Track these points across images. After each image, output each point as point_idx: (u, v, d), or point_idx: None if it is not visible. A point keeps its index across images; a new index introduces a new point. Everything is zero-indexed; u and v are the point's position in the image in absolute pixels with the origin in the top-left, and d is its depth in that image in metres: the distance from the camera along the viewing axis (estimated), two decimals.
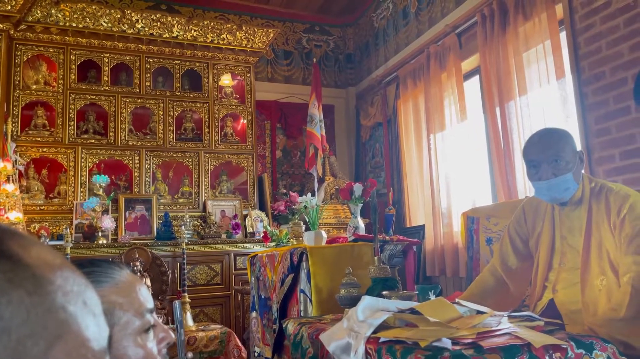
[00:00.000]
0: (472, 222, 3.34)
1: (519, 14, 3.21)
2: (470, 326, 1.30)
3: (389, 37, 4.92)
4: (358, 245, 2.47)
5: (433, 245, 4.01)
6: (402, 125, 4.67)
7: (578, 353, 1.18)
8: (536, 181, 1.77)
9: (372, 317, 1.47)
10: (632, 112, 2.58)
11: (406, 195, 4.61)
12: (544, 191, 1.77)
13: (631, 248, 1.62)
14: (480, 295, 2.01)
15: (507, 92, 3.30)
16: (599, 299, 1.67)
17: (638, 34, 2.55)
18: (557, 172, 1.72)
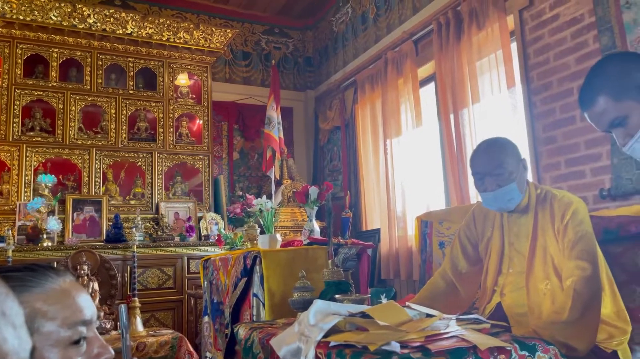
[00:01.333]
0: (426, 226, 3.40)
1: (473, 23, 3.29)
2: (419, 330, 1.31)
3: (348, 42, 4.96)
4: (313, 248, 2.46)
5: (388, 249, 4.05)
6: (359, 129, 4.70)
7: (522, 354, 1.20)
8: (482, 193, 1.82)
9: (323, 321, 1.46)
10: (577, 122, 2.69)
11: (363, 198, 4.64)
12: (490, 202, 1.83)
13: (574, 253, 1.67)
14: (431, 298, 2.04)
15: (461, 100, 3.38)
16: (543, 302, 1.72)
17: (584, 46, 2.66)
18: (501, 183, 1.77)
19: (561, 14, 2.78)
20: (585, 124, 2.64)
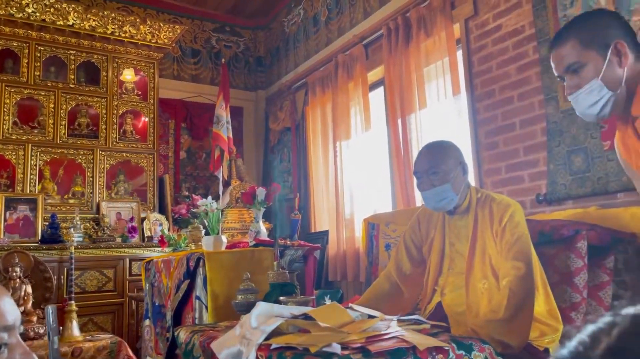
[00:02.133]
0: (373, 228, 3.44)
1: (421, 30, 3.37)
2: (361, 331, 1.31)
3: (299, 43, 4.95)
4: (259, 250, 2.44)
5: (336, 250, 4.07)
6: (310, 131, 4.71)
7: (459, 354, 1.23)
8: (421, 192, 1.88)
9: (266, 323, 1.44)
10: (517, 129, 2.80)
11: (312, 200, 4.64)
12: (427, 201, 1.90)
13: (510, 254, 1.73)
14: (376, 299, 2.06)
15: (409, 105, 3.44)
16: (481, 301, 1.77)
17: (524, 56, 2.77)
18: (436, 182, 1.83)
19: (504, 25, 2.88)
20: (525, 131, 2.75)
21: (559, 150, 2.55)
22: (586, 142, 2.43)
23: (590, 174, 2.40)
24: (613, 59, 1.26)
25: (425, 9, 3.33)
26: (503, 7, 2.88)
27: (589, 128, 2.42)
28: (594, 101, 1.27)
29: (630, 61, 1.27)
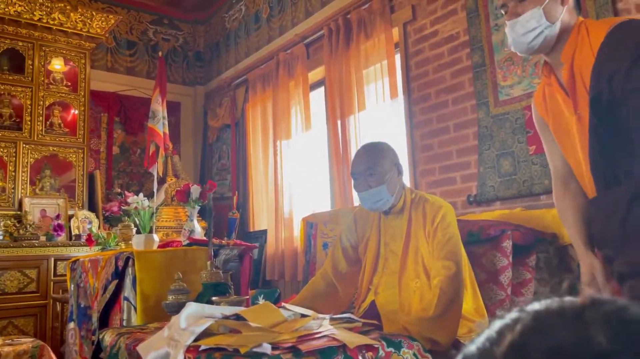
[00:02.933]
0: (311, 227, 3.45)
1: (362, 32, 3.41)
2: (292, 330, 1.30)
3: (240, 40, 4.88)
4: (192, 249, 2.37)
5: (274, 250, 4.05)
6: (250, 129, 4.65)
7: (388, 351, 1.25)
8: (358, 193, 1.90)
9: (196, 324, 1.40)
10: (451, 132, 2.89)
11: (251, 199, 4.59)
12: (363, 202, 1.92)
13: (442, 253, 1.79)
14: (312, 298, 2.06)
15: (348, 107, 3.47)
16: (413, 300, 1.82)
17: (459, 62, 2.86)
18: (372, 184, 1.86)
19: (440, 31, 2.97)
20: (458, 134, 2.85)
21: (489, 153, 2.65)
22: (513, 146, 2.55)
23: (516, 177, 2.52)
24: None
25: (365, 12, 3.38)
26: (440, 13, 2.97)
27: (516, 133, 2.54)
28: (532, 28, 1.30)
29: (570, 2, 1.33)
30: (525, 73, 2.53)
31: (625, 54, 1.15)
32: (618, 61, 1.16)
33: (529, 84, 2.50)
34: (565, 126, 1.34)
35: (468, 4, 2.79)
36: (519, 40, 1.34)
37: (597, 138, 1.21)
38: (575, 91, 1.26)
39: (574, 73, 1.26)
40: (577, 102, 1.26)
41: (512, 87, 2.58)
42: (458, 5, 2.86)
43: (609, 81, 1.16)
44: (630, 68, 1.14)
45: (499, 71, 2.64)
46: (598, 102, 1.18)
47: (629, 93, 1.13)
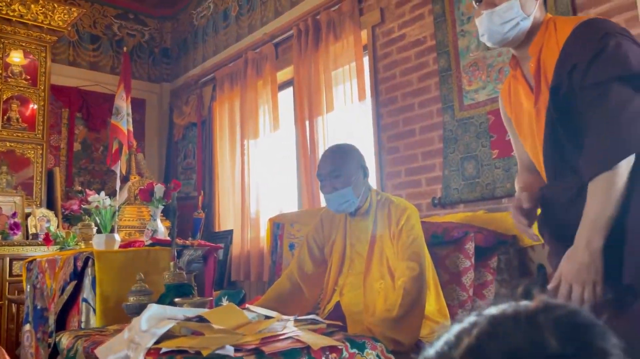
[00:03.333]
0: (278, 228, 3.43)
1: (331, 34, 3.41)
2: (256, 332, 1.29)
3: (208, 37, 4.82)
4: (155, 249, 2.32)
5: (240, 250, 4.01)
6: (217, 128, 4.60)
7: (352, 352, 1.25)
8: (324, 194, 1.91)
9: (157, 326, 1.37)
10: (417, 135, 2.93)
11: (217, 199, 4.54)
12: (329, 204, 1.93)
13: (406, 255, 1.81)
14: (277, 299, 2.06)
15: (317, 107, 3.47)
16: (377, 301, 1.83)
17: (425, 66, 2.90)
18: (338, 186, 1.87)
19: (407, 35, 3.00)
20: (423, 138, 2.89)
21: (454, 156, 2.70)
22: (477, 150, 2.60)
23: (480, 180, 2.58)
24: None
25: (335, 13, 3.39)
26: (408, 17, 3.00)
27: (480, 137, 2.59)
28: (509, 18, 1.32)
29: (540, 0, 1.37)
30: (490, 78, 2.58)
31: (587, 49, 1.20)
32: (579, 55, 1.20)
33: (493, 89, 2.56)
34: (528, 120, 1.38)
35: (435, 9, 2.83)
36: (495, 30, 1.35)
37: (551, 130, 1.26)
38: (539, 86, 1.30)
39: (539, 67, 1.30)
40: (538, 96, 1.30)
41: (477, 92, 2.63)
42: (425, 10, 2.90)
43: (570, 74, 1.20)
44: (590, 63, 1.18)
45: (465, 76, 2.69)
46: (557, 93, 1.23)
47: (585, 88, 1.17)
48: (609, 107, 1.14)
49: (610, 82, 1.15)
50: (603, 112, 1.15)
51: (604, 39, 1.18)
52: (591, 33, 1.22)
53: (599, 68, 1.16)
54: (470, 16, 2.69)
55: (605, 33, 1.19)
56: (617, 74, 1.15)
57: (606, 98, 1.15)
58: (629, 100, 1.14)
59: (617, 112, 1.13)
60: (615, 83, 1.15)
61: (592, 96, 1.17)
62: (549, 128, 1.26)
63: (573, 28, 1.26)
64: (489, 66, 2.59)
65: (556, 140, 1.26)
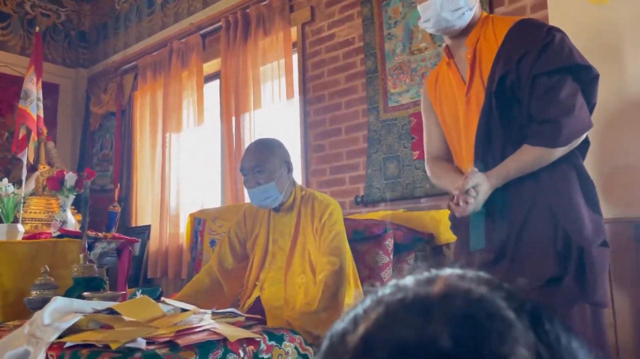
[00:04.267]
0: (199, 223, 3.34)
1: (260, 28, 3.38)
2: (171, 325, 1.24)
3: (131, 23, 4.60)
4: (63, 241, 2.18)
5: (158, 246, 3.86)
6: (137, 118, 4.40)
7: (270, 344, 1.24)
8: (247, 189, 1.89)
9: (61, 320, 1.28)
10: (343, 134, 2.97)
11: (135, 192, 4.34)
12: (252, 198, 1.92)
13: (327, 249, 1.83)
14: (194, 295, 2.01)
15: (244, 104, 3.42)
16: (298, 295, 1.84)
17: (353, 67, 2.95)
18: (261, 181, 1.86)
19: (336, 35, 3.04)
20: (349, 137, 2.93)
21: (377, 156, 2.77)
22: (399, 151, 2.68)
23: (401, 180, 2.66)
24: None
25: (265, 8, 3.36)
26: (337, 17, 3.04)
27: (403, 138, 2.68)
28: (458, 7, 1.38)
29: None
30: (413, 82, 2.67)
31: (536, 39, 1.29)
32: (529, 45, 1.29)
33: (416, 93, 2.65)
34: (455, 108, 1.44)
35: (364, 11, 2.89)
36: (443, 17, 1.39)
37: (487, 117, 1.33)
38: (473, 75, 1.37)
39: (475, 57, 1.37)
40: (471, 85, 1.37)
41: (401, 94, 2.72)
42: (355, 12, 2.95)
43: (518, 62, 1.28)
44: (540, 52, 1.28)
45: (390, 78, 2.76)
46: (504, 82, 1.30)
47: (537, 77, 1.27)
48: (560, 97, 1.25)
49: (561, 72, 1.26)
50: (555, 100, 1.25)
51: (550, 32, 1.29)
52: (537, 27, 1.33)
53: (548, 58, 1.27)
54: (397, 20, 2.77)
55: (549, 27, 1.30)
56: (564, 64, 1.25)
57: (560, 88, 1.25)
58: (576, 93, 1.26)
59: (568, 101, 1.25)
60: (565, 74, 1.26)
61: (547, 85, 1.27)
62: (484, 116, 1.33)
63: (515, 23, 1.36)
64: (412, 70, 2.68)
65: (489, 128, 1.33)
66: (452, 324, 0.30)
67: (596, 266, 1.21)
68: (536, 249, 1.25)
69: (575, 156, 1.30)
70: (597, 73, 1.29)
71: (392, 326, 0.32)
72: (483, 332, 0.30)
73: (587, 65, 1.28)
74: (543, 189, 1.27)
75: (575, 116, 1.24)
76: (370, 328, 0.32)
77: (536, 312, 0.33)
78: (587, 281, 1.20)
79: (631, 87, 1.81)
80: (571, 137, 1.25)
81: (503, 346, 0.30)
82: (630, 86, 1.81)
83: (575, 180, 1.27)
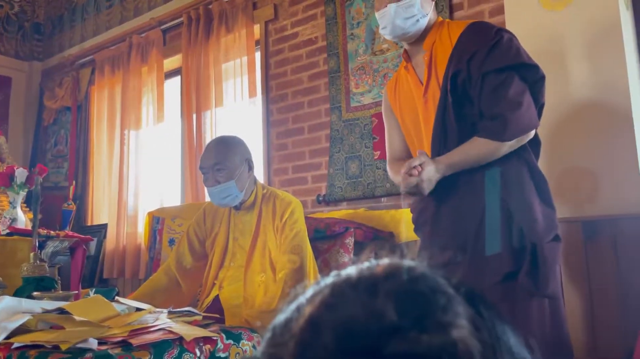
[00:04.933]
0: (157, 222, 3.28)
1: (223, 25, 3.34)
2: (125, 324, 1.21)
3: (88, 16, 4.47)
4: (13, 239, 2.09)
5: (115, 245, 3.76)
6: (94, 114, 4.27)
7: (227, 343, 1.23)
8: (207, 188, 1.86)
9: (9, 320, 1.23)
10: (305, 133, 2.97)
11: (91, 190, 4.22)
12: (211, 197, 1.91)
13: (288, 248, 1.83)
14: (151, 294, 1.97)
15: (205, 101, 3.37)
16: (257, 293, 1.83)
17: (316, 66, 2.95)
18: (221, 179, 1.85)
19: (300, 33, 3.04)
20: (311, 136, 2.93)
21: (339, 156, 2.78)
22: (361, 151, 2.70)
23: (362, 179, 2.68)
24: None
25: (227, 5, 3.32)
26: (300, 16, 3.04)
27: (364, 138, 2.70)
28: (411, 15, 1.43)
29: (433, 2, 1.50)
30: (375, 83, 2.70)
31: (486, 39, 1.34)
32: (479, 45, 1.34)
33: (377, 93, 2.68)
34: (414, 113, 1.48)
35: (327, 11, 2.90)
36: (397, 25, 1.44)
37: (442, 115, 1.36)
38: (430, 76, 1.40)
39: (432, 60, 1.40)
40: (428, 85, 1.40)
41: (363, 94, 2.74)
42: (318, 11, 2.96)
43: (469, 62, 1.32)
44: (489, 52, 1.33)
45: (352, 78, 2.78)
46: (455, 79, 1.33)
47: (486, 75, 1.30)
48: (508, 94, 1.29)
49: (508, 70, 1.31)
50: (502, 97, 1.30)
51: (498, 32, 1.34)
52: (487, 28, 1.39)
53: (496, 56, 1.31)
54: (360, 21, 2.79)
55: (498, 29, 1.35)
56: (511, 63, 1.30)
57: (507, 85, 1.30)
58: (523, 91, 1.31)
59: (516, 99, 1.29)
60: (512, 72, 1.31)
61: (495, 82, 1.31)
62: (440, 114, 1.36)
63: (467, 25, 1.41)
64: (375, 71, 2.70)
65: (444, 126, 1.37)
66: (397, 298, 0.31)
67: (547, 261, 1.25)
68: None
69: (527, 152, 1.35)
70: (543, 74, 1.35)
71: (338, 305, 0.32)
72: (427, 304, 0.31)
73: (534, 64, 1.33)
74: (497, 184, 1.31)
75: (522, 113, 1.29)
76: (316, 310, 0.33)
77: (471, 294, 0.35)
78: (539, 276, 1.24)
79: (578, 91, 1.89)
80: (517, 132, 1.29)
81: (445, 316, 0.31)
82: (577, 90, 1.89)
83: (527, 175, 1.32)
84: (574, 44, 1.91)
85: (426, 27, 1.46)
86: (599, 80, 1.85)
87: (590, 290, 1.79)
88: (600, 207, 1.81)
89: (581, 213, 1.85)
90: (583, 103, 1.87)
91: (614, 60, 1.83)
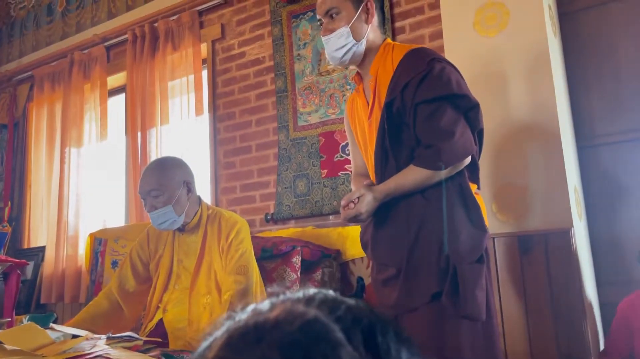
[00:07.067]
0: (99, 244, 3.16)
1: (169, 43, 3.31)
2: (60, 352, 1.16)
3: (28, 31, 4.31)
4: None
5: (53, 269, 3.59)
6: (32, 131, 4.10)
7: None
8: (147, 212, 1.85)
9: None
10: (253, 151, 2.97)
11: (28, 211, 4.02)
12: (152, 221, 1.89)
13: (234, 268, 1.81)
14: (91, 319, 1.90)
15: (151, 119, 3.31)
16: (202, 316, 1.79)
17: (263, 85, 2.97)
18: (158, 204, 1.82)
19: (247, 53, 3.05)
20: (259, 154, 2.93)
21: (287, 174, 2.79)
22: (308, 169, 2.73)
23: (310, 197, 2.70)
24: (362, 15, 1.48)
25: (174, 23, 3.29)
26: (248, 36, 3.06)
27: (312, 157, 2.73)
28: (341, 45, 1.46)
29: (375, 22, 1.51)
30: (322, 103, 2.74)
31: (417, 70, 1.37)
32: (411, 76, 1.37)
33: (324, 113, 2.72)
34: (363, 131, 1.52)
35: (274, 32, 2.93)
36: (332, 55, 1.50)
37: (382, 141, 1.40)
38: (374, 101, 1.44)
39: (377, 85, 1.44)
40: (372, 110, 1.44)
41: (310, 114, 2.77)
42: (265, 32, 2.99)
43: (402, 92, 1.36)
44: (420, 83, 1.36)
45: (299, 98, 2.82)
46: (390, 108, 1.37)
47: (419, 104, 1.34)
48: (441, 124, 1.33)
49: (439, 101, 1.34)
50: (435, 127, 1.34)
51: (430, 63, 1.37)
52: (420, 58, 1.41)
53: (427, 87, 1.35)
54: (306, 42, 2.84)
55: (432, 58, 1.39)
56: (442, 94, 1.33)
57: (439, 115, 1.33)
58: (456, 120, 1.34)
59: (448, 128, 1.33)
60: (444, 102, 1.34)
61: (427, 112, 1.35)
62: (379, 138, 1.40)
63: (406, 52, 1.44)
64: (321, 91, 2.75)
65: (384, 150, 1.40)
66: (281, 349, 0.33)
67: (466, 282, 1.28)
68: (423, 266, 1.32)
69: (462, 176, 1.39)
70: (475, 102, 1.39)
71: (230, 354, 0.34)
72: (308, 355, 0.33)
73: (463, 94, 1.37)
74: (431, 207, 1.35)
75: (455, 142, 1.33)
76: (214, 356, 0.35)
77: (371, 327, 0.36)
78: (460, 297, 1.28)
79: (515, 113, 1.99)
80: (451, 161, 1.33)
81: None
82: (514, 112, 2.00)
83: (458, 197, 1.36)
84: (509, 68, 2.02)
85: (369, 50, 1.50)
86: (532, 103, 1.96)
87: (526, 302, 1.87)
88: (534, 222, 1.91)
89: (517, 228, 1.94)
90: (519, 124, 1.98)
91: (544, 84, 1.95)
